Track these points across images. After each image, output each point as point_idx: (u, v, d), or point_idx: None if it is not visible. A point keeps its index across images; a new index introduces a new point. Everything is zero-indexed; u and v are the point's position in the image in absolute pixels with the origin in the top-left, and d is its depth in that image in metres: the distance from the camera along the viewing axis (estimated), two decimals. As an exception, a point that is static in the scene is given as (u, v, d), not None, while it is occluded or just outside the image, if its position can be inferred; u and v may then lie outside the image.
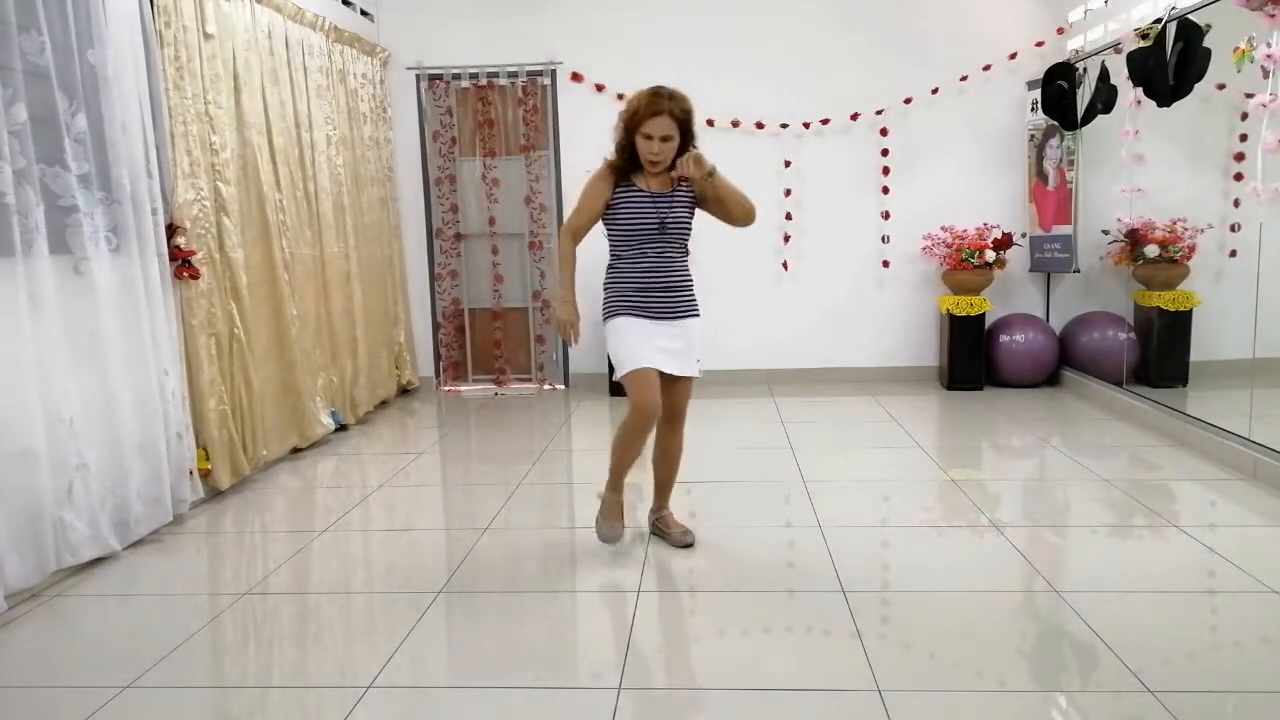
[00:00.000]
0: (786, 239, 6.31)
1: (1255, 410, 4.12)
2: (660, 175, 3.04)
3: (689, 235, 3.14)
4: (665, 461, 3.31)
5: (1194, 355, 5.15)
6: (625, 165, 3.05)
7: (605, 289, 3.15)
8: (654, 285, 3.08)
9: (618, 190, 3.06)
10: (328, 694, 2.33)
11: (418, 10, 6.24)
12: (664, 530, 3.33)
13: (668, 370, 3.07)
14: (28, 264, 2.96)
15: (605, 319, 3.14)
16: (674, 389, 3.15)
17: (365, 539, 3.56)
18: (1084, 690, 2.26)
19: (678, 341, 3.08)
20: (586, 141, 5.79)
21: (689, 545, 3.24)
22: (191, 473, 3.75)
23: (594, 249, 3.28)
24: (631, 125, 2.95)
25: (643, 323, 3.07)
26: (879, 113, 6.17)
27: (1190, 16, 4.30)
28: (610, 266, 3.16)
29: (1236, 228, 4.78)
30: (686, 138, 2.98)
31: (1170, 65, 4.45)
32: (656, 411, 3.05)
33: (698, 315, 3.15)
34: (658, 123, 2.91)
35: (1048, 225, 5.93)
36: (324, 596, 3.00)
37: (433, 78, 6.29)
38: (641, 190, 3.05)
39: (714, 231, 3.20)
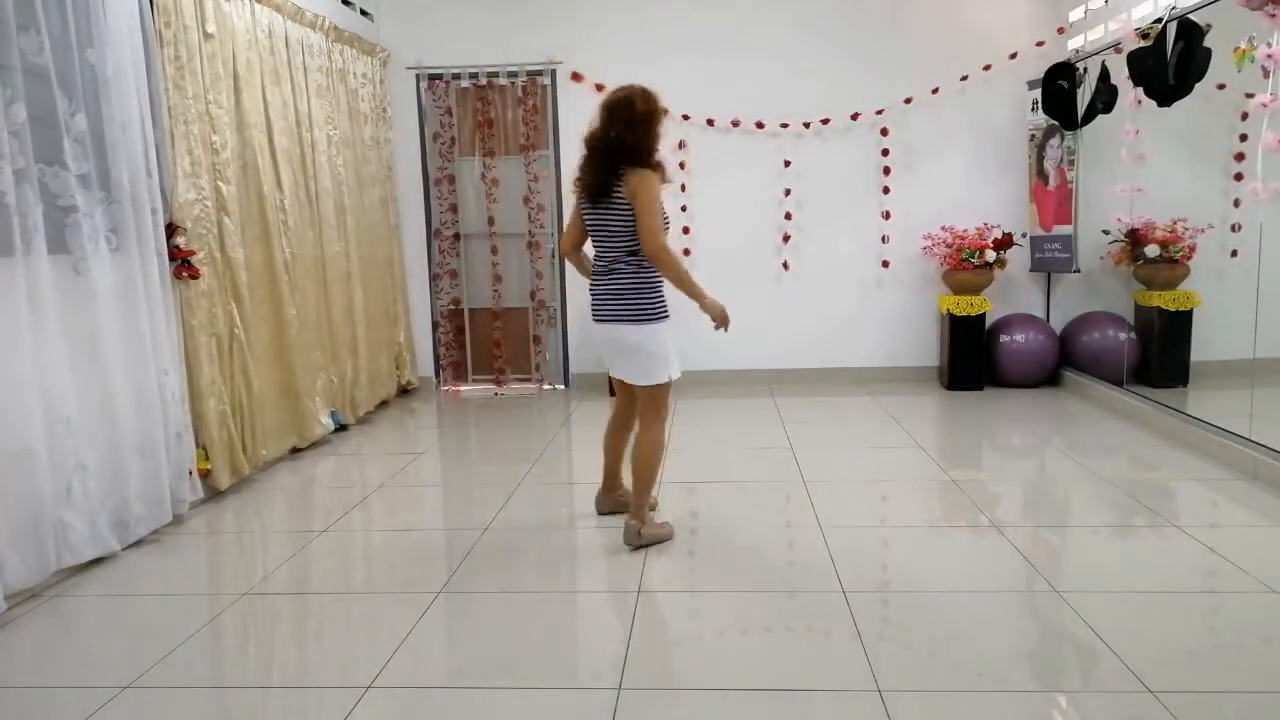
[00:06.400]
0: (786, 239, 6.30)
1: (1255, 410, 4.12)
2: None
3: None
4: (613, 455, 3.59)
5: (1194, 355, 5.14)
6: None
7: (646, 289, 3.17)
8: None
9: None
10: (328, 694, 2.33)
11: (418, 10, 6.24)
12: (625, 502, 3.49)
13: (616, 375, 3.37)
14: (27, 264, 2.96)
15: (652, 320, 3.18)
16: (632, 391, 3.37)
17: (365, 539, 3.56)
18: (1084, 690, 2.26)
19: (608, 348, 3.31)
20: (586, 141, 5.78)
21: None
22: (191, 473, 3.75)
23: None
24: (657, 123, 3.17)
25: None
26: (879, 113, 6.17)
27: (1190, 16, 4.30)
28: (644, 265, 3.18)
29: (1237, 228, 4.78)
30: None
31: (1170, 65, 4.45)
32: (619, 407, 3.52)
33: (626, 322, 3.19)
34: None
35: (1048, 225, 5.93)
36: (324, 596, 3.00)
37: (433, 78, 6.29)
38: None
39: (713, 231, 3.18)
